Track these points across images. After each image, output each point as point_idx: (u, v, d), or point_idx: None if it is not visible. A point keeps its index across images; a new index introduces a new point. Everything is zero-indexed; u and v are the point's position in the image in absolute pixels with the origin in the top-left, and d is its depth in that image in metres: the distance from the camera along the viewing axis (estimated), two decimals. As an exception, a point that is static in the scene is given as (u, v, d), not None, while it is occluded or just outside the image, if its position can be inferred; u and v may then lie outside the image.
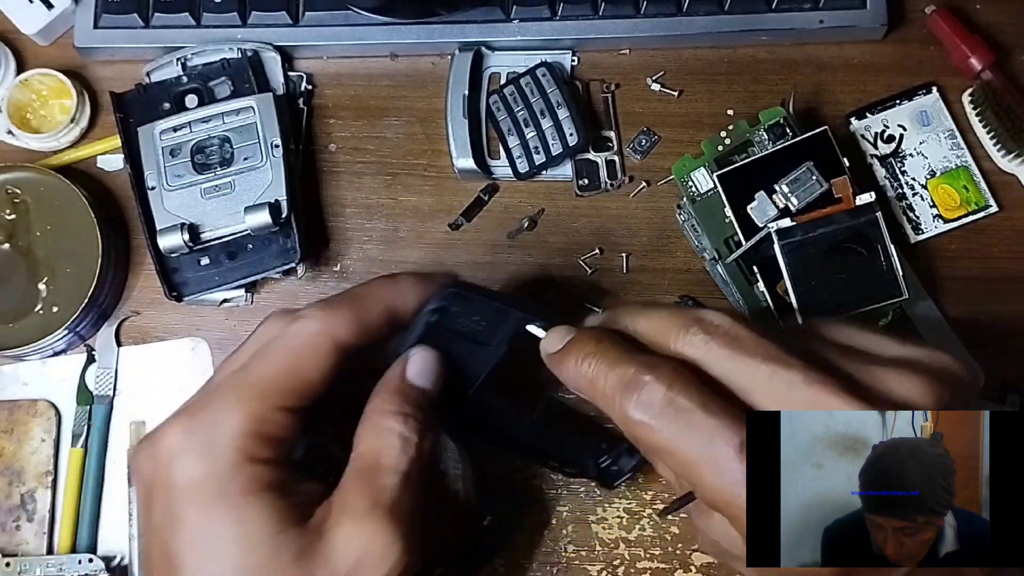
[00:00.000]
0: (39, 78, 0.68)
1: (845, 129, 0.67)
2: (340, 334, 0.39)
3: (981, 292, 0.65)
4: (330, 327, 0.39)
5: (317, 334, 0.39)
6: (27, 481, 0.64)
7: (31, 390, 0.66)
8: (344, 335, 0.40)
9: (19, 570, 0.62)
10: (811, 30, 0.67)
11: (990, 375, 0.62)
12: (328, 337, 0.39)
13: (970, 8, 0.69)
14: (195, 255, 0.63)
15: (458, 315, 0.44)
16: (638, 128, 0.68)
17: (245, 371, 0.39)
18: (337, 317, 0.40)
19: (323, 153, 0.69)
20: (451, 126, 0.66)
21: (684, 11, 0.67)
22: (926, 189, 0.66)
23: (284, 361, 0.39)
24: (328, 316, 0.40)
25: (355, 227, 0.68)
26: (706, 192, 0.63)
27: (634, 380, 0.35)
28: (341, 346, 0.39)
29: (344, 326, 0.40)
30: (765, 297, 0.60)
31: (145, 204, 0.63)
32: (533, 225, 0.67)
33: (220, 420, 0.37)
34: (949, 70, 0.68)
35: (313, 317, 0.40)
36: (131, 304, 0.67)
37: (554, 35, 0.68)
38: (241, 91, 0.66)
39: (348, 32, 0.68)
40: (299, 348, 0.39)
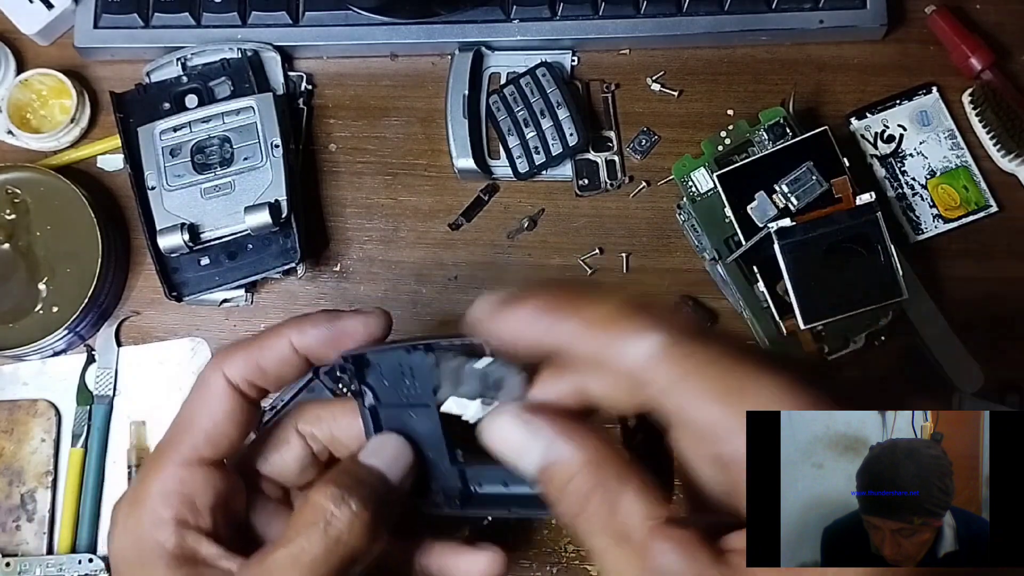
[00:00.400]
0: (39, 78, 0.68)
1: (845, 129, 0.67)
2: (233, 373, 0.36)
3: (981, 292, 0.65)
4: (222, 367, 0.37)
5: (209, 377, 0.37)
6: (27, 481, 0.63)
7: (31, 390, 0.66)
8: (236, 373, 0.36)
9: (19, 570, 0.62)
10: (811, 30, 0.67)
11: (990, 375, 0.63)
12: (220, 378, 0.36)
13: (970, 8, 0.69)
14: (195, 255, 0.63)
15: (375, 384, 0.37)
16: (638, 128, 0.68)
17: (166, 433, 0.38)
18: (230, 357, 0.37)
19: (323, 153, 0.69)
20: (451, 126, 0.66)
21: (684, 11, 0.67)
22: (926, 189, 0.66)
23: (185, 414, 0.37)
24: (220, 358, 0.37)
25: (355, 227, 0.68)
26: (706, 192, 0.63)
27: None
28: (236, 386, 0.36)
29: (236, 365, 0.37)
30: (765, 297, 0.60)
31: (145, 204, 0.63)
32: (533, 225, 0.67)
33: (141, 488, 0.36)
34: (949, 70, 0.68)
35: (208, 362, 0.38)
36: (131, 304, 0.67)
37: (554, 35, 0.68)
38: (241, 91, 0.66)
39: (348, 32, 0.68)
40: (196, 398, 0.37)
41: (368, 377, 0.37)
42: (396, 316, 0.65)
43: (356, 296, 0.67)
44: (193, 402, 0.37)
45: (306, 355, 0.37)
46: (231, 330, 0.66)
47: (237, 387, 0.36)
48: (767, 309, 0.61)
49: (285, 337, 0.37)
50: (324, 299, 0.67)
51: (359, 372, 0.37)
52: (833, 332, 0.60)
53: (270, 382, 0.37)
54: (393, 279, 0.67)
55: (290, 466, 0.38)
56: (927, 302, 0.64)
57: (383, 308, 0.38)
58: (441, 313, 0.66)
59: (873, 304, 0.58)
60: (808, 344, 0.60)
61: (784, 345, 0.61)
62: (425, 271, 0.67)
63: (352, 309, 0.38)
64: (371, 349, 0.37)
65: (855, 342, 0.61)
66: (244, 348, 0.37)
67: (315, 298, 0.67)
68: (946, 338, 0.63)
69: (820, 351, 0.61)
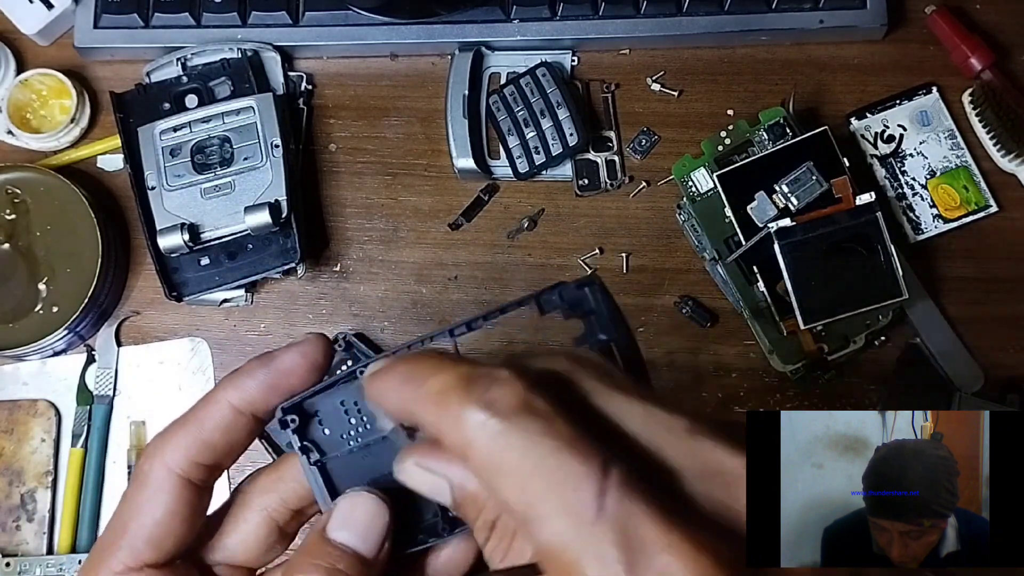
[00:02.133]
0: (39, 78, 0.68)
1: (845, 129, 0.67)
2: (174, 459, 0.32)
3: (981, 292, 0.65)
4: (160, 455, 0.32)
5: (146, 470, 0.32)
6: (27, 481, 0.63)
7: (31, 390, 0.66)
8: (178, 458, 0.32)
9: (19, 570, 0.62)
10: (811, 30, 0.67)
11: (990, 375, 0.63)
12: (159, 469, 0.32)
13: (970, 8, 0.69)
14: (195, 255, 0.63)
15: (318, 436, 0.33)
16: (638, 128, 0.68)
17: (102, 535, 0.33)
18: (167, 442, 0.33)
19: (323, 153, 0.69)
20: (451, 126, 0.66)
21: (684, 11, 0.67)
22: (926, 189, 0.66)
23: (121, 515, 0.32)
24: (156, 444, 0.33)
25: (355, 227, 0.68)
26: (706, 192, 0.63)
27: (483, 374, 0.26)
28: (180, 473, 0.32)
29: (176, 448, 0.32)
30: (765, 297, 0.60)
31: (145, 204, 0.63)
32: (533, 225, 0.67)
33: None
34: (949, 70, 0.68)
35: (144, 451, 0.33)
36: (131, 304, 0.67)
37: (554, 35, 0.68)
38: (241, 91, 0.66)
39: (348, 32, 0.68)
40: (133, 495, 0.32)
41: (309, 429, 0.33)
42: (396, 316, 0.66)
43: (356, 296, 0.67)
44: (131, 499, 0.32)
45: (252, 412, 0.33)
46: (231, 330, 0.66)
47: (183, 475, 0.32)
48: (767, 309, 0.61)
49: (222, 400, 0.33)
50: (324, 299, 0.67)
51: (300, 425, 0.33)
52: (833, 332, 0.60)
53: (220, 456, 0.33)
54: (393, 279, 0.67)
55: (251, 547, 0.34)
56: (927, 302, 0.64)
57: (318, 332, 0.34)
58: (441, 313, 0.66)
59: (873, 304, 0.58)
60: (808, 344, 0.61)
61: (783, 345, 0.61)
62: (425, 271, 0.67)
63: (288, 344, 0.33)
64: (304, 395, 0.33)
65: (855, 342, 0.61)
66: (180, 427, 0.33)
67: (315, 298, 0.67)
68: (946, 338, 0.63)
69: (820, 351, 0.61)
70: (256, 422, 0.33)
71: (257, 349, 0.66)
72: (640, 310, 0.65)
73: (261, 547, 0.34)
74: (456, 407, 0.25)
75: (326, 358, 0.33)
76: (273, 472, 0.34)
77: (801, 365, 0.61)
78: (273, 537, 0.34)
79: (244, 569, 0.34)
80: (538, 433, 0.24)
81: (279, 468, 0.34)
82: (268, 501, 0.34)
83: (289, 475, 0.33)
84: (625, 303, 0.66)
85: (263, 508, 0.33)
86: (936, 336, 0.63)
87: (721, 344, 0.65)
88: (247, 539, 0.34)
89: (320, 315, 0.66)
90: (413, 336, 0.44)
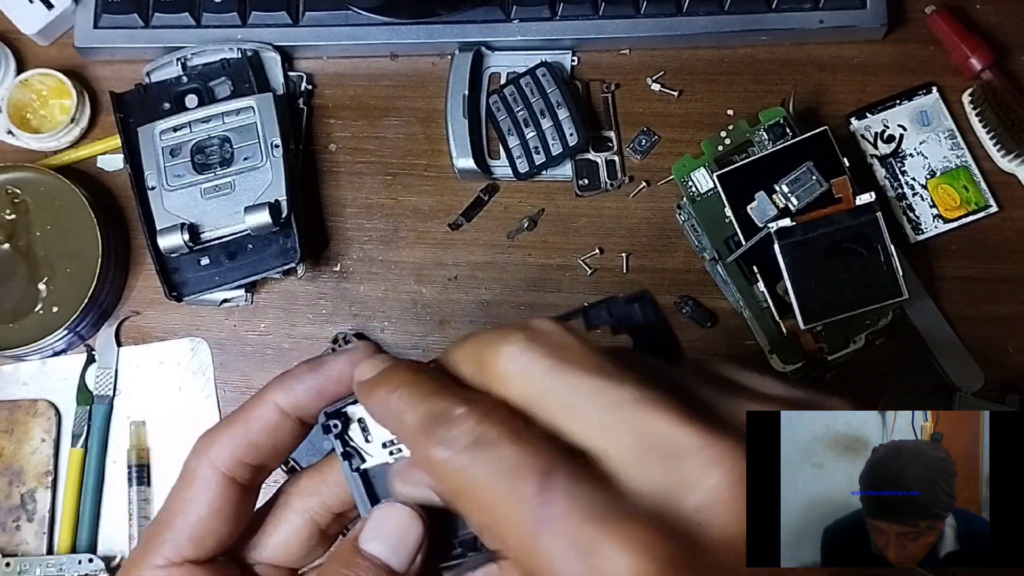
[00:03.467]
0: (39, 78, 0.68)
1: (845, 129, 0.67)
2: (219, 457, 0.33)
3: (981, 292, 0.65)
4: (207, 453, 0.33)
5: (193, 467, 0.33)
6: (27, 481, 0.63)
7: (31, 390, 0.66)
8: (224, 456, 0.33)
9: (19, 570, 0.62)
10: (811, 30, 0.67)
11: (990, 375, 0.63)
12: (206, 467, 0.33)
13: (970, 8, 0.69)
14: (195, 255, 0.63)
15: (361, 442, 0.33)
16: (638, 128, 0.68)
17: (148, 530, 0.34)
18: (215, 440, 0.33)
19: (323, 153, 0.69)
20: (451, 126, 0.66)
21: (684, 11, 0.67)
22: (926, 189, 0.66)
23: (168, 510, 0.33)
24: (204, 442, 0.33)
25: (355, 227, 0.68)
26: (706, 192, 0.63)
27: (444, 413, 0.28)
28: (226, 472, 0.33)
29: (222, 447, 0.33)
30: (765, 297, 0.60)
31: (145, 204, 0.63)
32: (533, 225, 0.67)
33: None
34: (949, 70, 0.68)
35: (192, 448, 0.34)
36: (131, 304, 0.67)
37: (554, 35, 0.68)
38: (241, 91, 0.66)
39: (348, 32, 0.68)
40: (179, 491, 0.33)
41: (351, 435, 0.33)
42: (396, 316, 0.66)
43: (356, 296, 0.67)
44: (177, 496, 0.33)
45: (298, 416, 0.33)
46: (231, 330, 0.66)
47: (228, 474, 0.33)
48: (767, 309, 0.61)
49: (270, 402, 0.33)
50: (324, 299, 0.67)
51: (343, 431, 0.33)
52: (833, 332, 0.60)
53: (265, 456, 0.33)
54: (393, 279, 0.67)
55: (292, 548, 0.34)
56: (927, 302, 0.64)
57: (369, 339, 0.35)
58: (441, 313, 0.66)
59: (873, 304, 0.58)
60: (808, 344, 0.60)
61: (786, 341, 0.61)
62: (425, 271, 0.67)
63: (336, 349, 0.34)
64: (348, 400, 0.33)
65: (855, 342, 0.61)
66: (227, 426, 0.33)
67: (315, 298, 0.67)
68: (946, 338, 0.63)
69: (820, 351, 0.61)
70: (302, 426, 0.34)
71: (257, 349, 0.66)
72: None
73: (302, 548, 0.34)
74: (423, 447, 0.28)
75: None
76: (316, 474, 0.35)
77: (801, 365, 0.61)
78: (314, 539, 0.34)
79: (285, 569, 0.35)
80: (487, 463, 0.26)
81: (322, 470, 0.35)
82: (310, 503, 0.34)
83: (332, 478, 0.34)
84: (625, 303, 0.66)
85: (305, 510, 0.34)
86: (936, 336, 0.63)
87: (721, 344, 0.65)
88: (288, 540, 0.34)
89: (320, 315, 0.66)
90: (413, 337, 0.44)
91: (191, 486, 0.33)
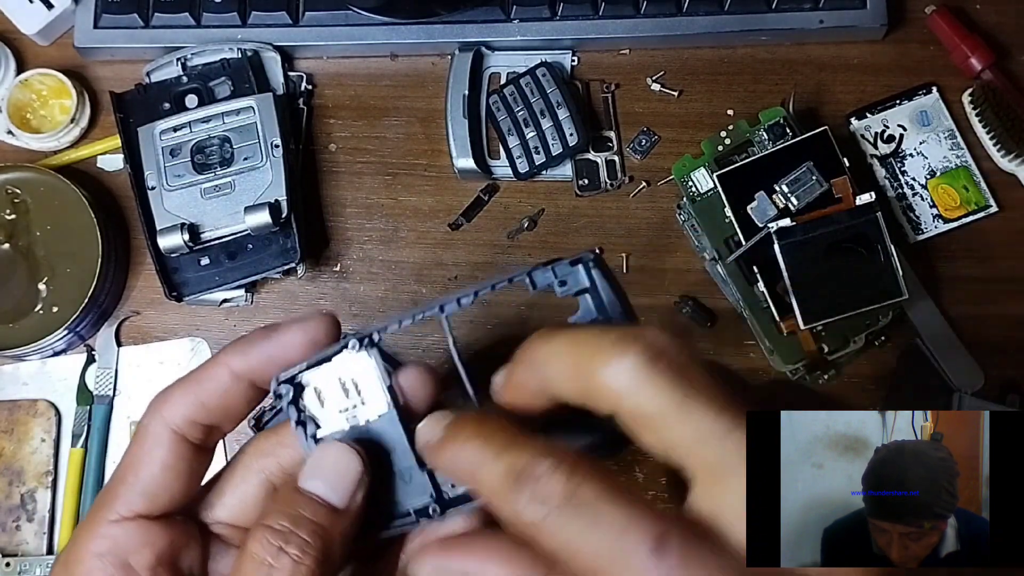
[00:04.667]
0: (39, 78, 0.68)
1: (845, 129, 0.67)
2: (172, 415, 0.33)
3: (981, 292, 0.65)
4: (160, 411, 0.33)
5: (146, 424, 0.34)
6: (27, 481, 0.63)
7: (31, 390, 0.66)
8: (176, 415, 0.33)
9: (19, 570, 0.62)
10: (811, 30, 0.67)
11: (990, 375, 0.63)
12: (158, 424, 0.33)
13: (970, 8, 0.69)
14: (195, 255, 0.63)
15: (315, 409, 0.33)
16: (638, 128, 0.68)
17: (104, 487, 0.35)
18: (168, 399, 0.33)
19: (323, 153, 0.69)
20: (451, 126, 0.66)
21: (684, 11, 0.67)
22: (926, 189, 0.66)
23: (122, 467, 0.33)
24: (157, 401, 0.34)
25: (355, 227, 0.68)
26: (706, 192, 0.63)
27: (528, 469, 0.27)
28: (177, 430, 0.33)
29: (175, 406, 0.33)
30: (765, 297, 0.60)
31: (145, 204, 0.63)
32: (533, 225, 0.67)
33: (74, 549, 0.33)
34: (949, 70, 0.68)
35: (148, 407, 0.34)
36: (131, 304, 0.67)
37: (554, 35, 0.68)
38: (241, 91, 0.66)
39: (348, 32, 0.68)
40: (133, 448, 0.34)
41: (306, 401, 0.33)
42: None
43: (356, 296, 0.67)
44: (130, 453, 0.33)
45: (251, 379, 0.34)
46: (231, 330, 0.66)
47: (179, 432, 0.33)
48: (767, 309, 0.61)
49: (223, 365, 0.33)
50: (324, 299, 0.67)
51: (296, 398, 0.33)
52: (833, 332, 0.60)
53: (217, 417, 0.34)
54: (393, 279, 0.67)
55: (249, 508, 0.34)
56: (927, 302, 0.64)
57: (327, 311, 0.35)
58: (441, 313, 0.66)
59: (873, 304, 0.58)
60: (808, 344, 0.60)
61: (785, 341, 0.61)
62: (425, 271, 0.67)
63: (294, 317, 0.34)
64: (301, 367, 0.33)
65: (855, 342, 0.61)
66: (180, 386, 0.34)
67: (315, 298, 0.67)
68: (946, 338, 0.63)
69: (820, 351, 0.61)
70: (255, 391, 0.34)
71: (257, 349, 0.66)
72: (640, 310, 0.65)
73: (258, 508, 0.34)
74: (510, 506, 0.27)
75: (328, 338, 0.34)
76: (273, 436, 0.35)
77: (801, 365, 0.61)
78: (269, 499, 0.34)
79: (241, 529, 0.35)
80: (588, 525, 0.26)
81: (279, 433, 0.35)
82: (267, 464, 0.34)
83: (289, 440, 0.34)
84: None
85: (261, 470, 0.34)
86: (936, 336, 0.63)
87: (721, 344, 0.65)
88: (245, 500, 0.34)
89: (320, 315, 0.66)
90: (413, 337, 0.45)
91: (143, 443, 0.33)
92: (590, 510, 0.26)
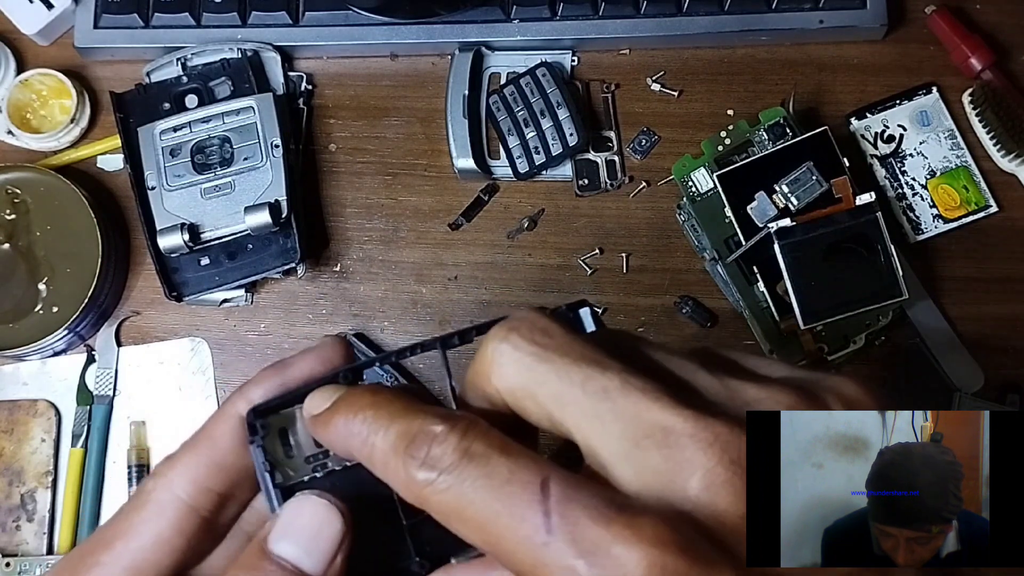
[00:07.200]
0: (39, 78, 0.68)
1: (845, 129, 0.67)
2: (180, 484, 0.29)
3: (981, 292, 0.65)
4: (167, 478, 0.29)
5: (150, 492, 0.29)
6: (27, 481, 0.63)
7: (31, 390, 0.66)
8: (184, 484, 0.29)
9: (19, 570, 0.62)
10: (811, 30, 0.67)
11: (990, 375, 0.63)
12: (166, 492, 0.29)
13: (970, 8, 0.69)
14: (195, 255, 0.63)
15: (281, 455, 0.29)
16: (638, 128, 0.68)
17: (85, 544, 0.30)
18: (177, 464, 0.29)
19: (323, 153, 0.69)
20: (451, 126, 0.66)
21: (684, 11, 0.67)
22: (926, 189, 0.66)
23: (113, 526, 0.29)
24: (165, 466, 0.29)
25: (355, 227, 0.68)
26: (706, 192, 0.63)
27: (420, 432, 0.26)
28: (188, 501, 0.29)
29: (185, 471, 0.29)
30: (765, 297, 0.60)
31: (145, 204, 0.63)
32: (533, 225, 0.67)
33: None
34: (949, 70, 0.68)
35: (153, 471, 0.29)
36: (131, 304, 0.67)
37: (554, 35, 0.68)
38: (241, 91, 0.66)
39: (348, 32, 0.68)
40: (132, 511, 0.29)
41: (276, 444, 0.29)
42: (396, 316, 0.66)
43: (356, 296, 0.67)
44: (125, 517, 0.29)
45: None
46: (231, 330, 0.66)
47: (187, 501, 0.29)
48: (767, 309, 0.61)
49: (232, 415, 0.29)
50: (324, 299, 0.67)
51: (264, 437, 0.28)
52: (833, 332, 0.60)
53: (232, 479, 0.29)
54: (393, 279, 0.67)
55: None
56: (927, 302, 0.64)
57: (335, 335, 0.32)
58: (441, 313, 0.66)
59: (873, 304, 0.58)
60: (808, 344, 0.60)
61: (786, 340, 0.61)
62: (425, 271, 0.67)
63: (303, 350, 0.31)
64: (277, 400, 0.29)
65: (855, 342, 0.61)
66: (190, 447, 0.29)
67: (315, 298, 0.67)
68: (946, 338, 0.63)
69: (820, 351, 0.61)
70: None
71: (257, 349, 0.66)
72: (640, 310, 0.65)
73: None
74: (403, 473, 0.26)
75: (344, 360, 0.31)
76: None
77: (801, 365, 0.61)
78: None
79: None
80: (479, 478, 0.25)
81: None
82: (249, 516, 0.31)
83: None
84: (625, 303, 0.66)
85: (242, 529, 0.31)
86: (936, 336, 0.63)
87: (721, 344, 0.65)
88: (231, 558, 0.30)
89: (320, 315, 0.66)
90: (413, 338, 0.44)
91: (143, 509, 0.29)
92: (481, 465, 0.25)
